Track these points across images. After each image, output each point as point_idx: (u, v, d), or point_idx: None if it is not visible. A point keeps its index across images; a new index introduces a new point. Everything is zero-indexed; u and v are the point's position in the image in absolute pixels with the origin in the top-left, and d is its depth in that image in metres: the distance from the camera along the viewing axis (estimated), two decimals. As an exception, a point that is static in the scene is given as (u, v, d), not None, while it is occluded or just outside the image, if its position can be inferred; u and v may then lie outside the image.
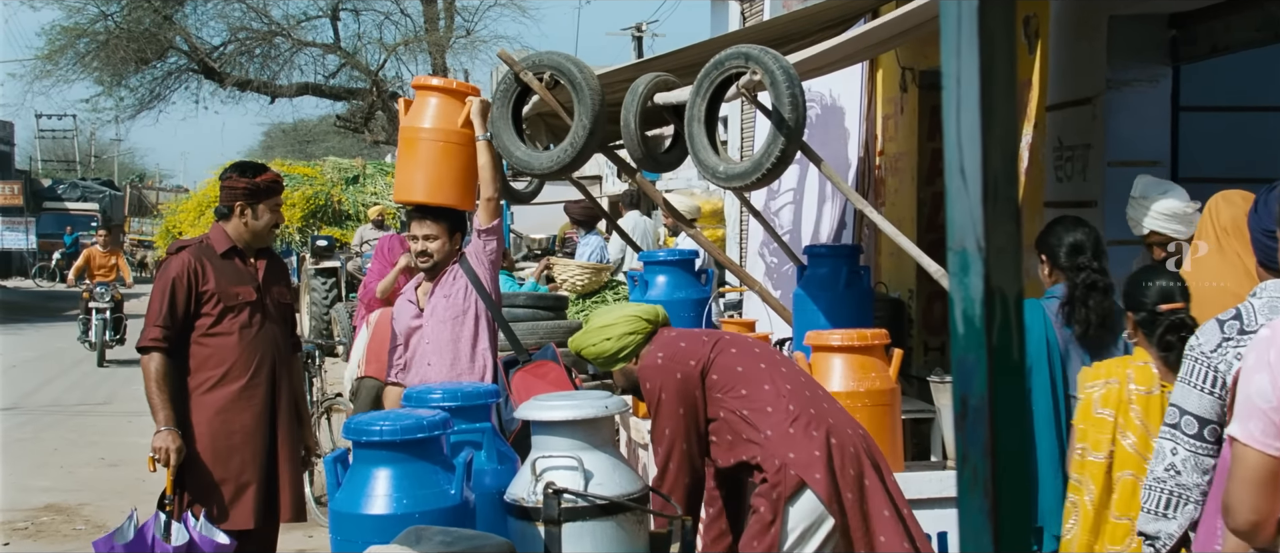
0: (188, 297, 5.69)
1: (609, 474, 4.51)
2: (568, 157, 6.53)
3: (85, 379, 18.51)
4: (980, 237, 1.42)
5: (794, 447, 4.46)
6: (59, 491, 10.78)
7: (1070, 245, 5.09)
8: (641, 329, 4.87)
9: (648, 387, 4.71)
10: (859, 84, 9.06)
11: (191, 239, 6.01)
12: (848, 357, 5.52)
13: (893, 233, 5.89)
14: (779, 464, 4.45)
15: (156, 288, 5.75)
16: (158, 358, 5.63)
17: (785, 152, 5.59)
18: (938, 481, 5.50)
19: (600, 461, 4.52)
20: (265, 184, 5.90)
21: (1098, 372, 4.48)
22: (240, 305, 5.78)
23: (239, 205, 5.85)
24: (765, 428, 4.52)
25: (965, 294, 1.45)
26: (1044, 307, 5.03)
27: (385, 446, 4.36)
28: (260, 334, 5.83)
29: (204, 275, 5.73)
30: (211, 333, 5.73)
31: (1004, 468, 1.44)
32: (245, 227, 5.87)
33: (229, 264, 5.83)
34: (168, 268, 5.76)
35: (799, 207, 9.50)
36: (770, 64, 5.50)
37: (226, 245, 5.85)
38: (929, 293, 8.80)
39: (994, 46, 1.43)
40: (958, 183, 1.45)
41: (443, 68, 29.30)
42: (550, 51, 6.80)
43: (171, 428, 5.56)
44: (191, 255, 5.76)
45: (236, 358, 5.75)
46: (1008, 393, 1.44)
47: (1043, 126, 6.98)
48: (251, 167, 6.03)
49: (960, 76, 1.44)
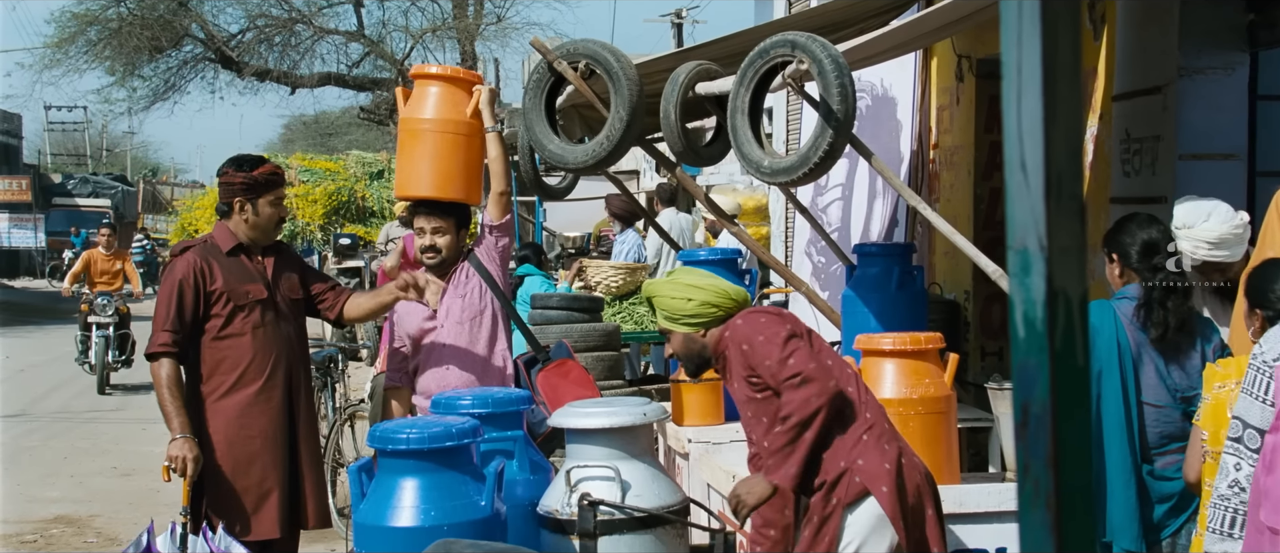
0: (196, 298, 5.74)
1: (647, 485, 4.52)
2: (604, 150, 6.54)
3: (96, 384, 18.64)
4: (1042, 235, 1.42)
5: (864, 454, 4.50)
6: (69, 502, 10.87)
7: (1144, 244, 5.05)
8: (725, 306, 4.85)
9: (760, 338, 4.66)
10: (912, 73, 9.04)
11: (195, 239, 6.07)
12: (900, 362, 5.51)
13: (948, 230, 5.88)
14: (844, 468, 4.48)
15: (163, 291, 5.80)
16: (168, 364, 5.67)
17: (834, 145, 5.59)
18: (997, 493, 5.48)
19: (638, 471, 4.53)
20: (263, 178, 5.92)
21: (1227, 370, 4.42)
22: (251, 304, 5.81)
23: (238, 201, 5.89)
24: (837, 429, 4.58)
25: (1026, 296, 1.45)
26: (1115, 308, 5.00)
27: (412, 455, 4.38)
28: (274, 333, 5.87)
29: (211, 275, 5.77)
30: (223, 335, 5.77)
31: (1068, 480, 1.44)
32: (247, 223, 5.90)
33: (236, 262, 5.87)
34: (173, 270, 5.82)
35: (848, 203, 9.49)
36: (818, 52, 5.50)
37: (232, 243, 5.88)
38: (987, 295, 8.76)
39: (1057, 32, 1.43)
40: (1018, 178, 1.45)
41: (472, 55, 29.39)
42: (585, 39, 6.81)
43: (187, 436, 5.59)
44: (197, 255, 5.81)
45: (250, 359, 5.79)
46: (1071, 400, 1.44)
47: (1109, 118, 6.94)
48: (248, 160, 6.04)
49: (1021, 65, 1.44)
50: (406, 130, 6.48)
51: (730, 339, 4.76)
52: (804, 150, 5.72)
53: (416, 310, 6.29)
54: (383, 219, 22.85)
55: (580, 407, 4.78)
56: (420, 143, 6.41)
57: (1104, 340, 4.89)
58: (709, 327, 4.85)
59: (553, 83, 6.78)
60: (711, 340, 4.85)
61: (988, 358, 8.86)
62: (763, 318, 4.72)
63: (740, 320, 4.77)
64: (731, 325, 4.79)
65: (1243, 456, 3.62)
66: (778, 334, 4.63)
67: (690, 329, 4.87)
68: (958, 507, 5.34)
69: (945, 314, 8.38)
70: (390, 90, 29.00)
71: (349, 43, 30.64)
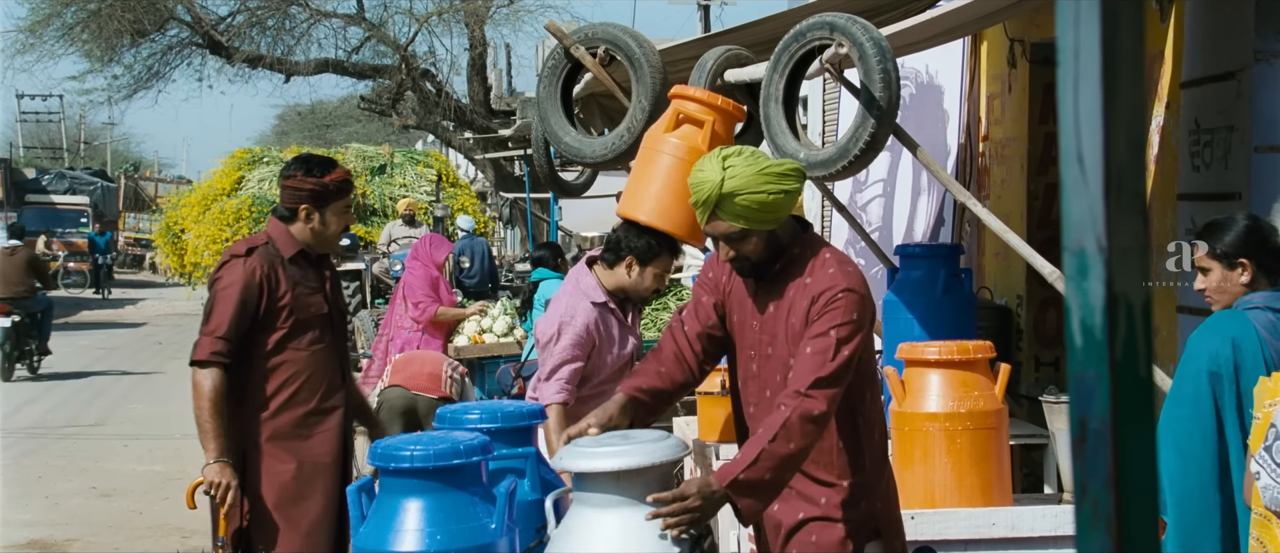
0: (257, 307, 5.61)
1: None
2: (624, 143, 6.55)
3: (73, 398, 18.75)
4: (1101, 235, 1.42)
5: (885, 500, 4.45)
6: (44, 525, 10.91)
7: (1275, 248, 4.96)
8: (796, 187, 4.38)
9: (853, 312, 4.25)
10: (960, 59, 9.04)
11: (254, 238, 5.88)
12: (946, 373, 5.50)
13: (1000, 229, 5.87)
14: (864, 510, 4.41)
15: (222, 294, 5.60)
16: (216, 375, 5.49)
17: (875, 136, 5.59)
18: (1052, 516, 5.48)
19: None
20: (335, 185, 5.81)
21: (1278, 386, 4.39)
22: (313, 319, 5.74)
23: (305, 209, 5.77)
24: (869, 457, 4.41)
25: (1084, 301, 1.45)
26: (1252, 319, 4.89)
27: (416, 473, 4.39)
28: (331, 352, 5.80)
29: (277, 283, 5.65)
30: (280, 350, 5.67)
31: (1130, 501, 1.44)
32: (311, 232, 5.79)
33: (299, 271, 5.76)
34: (234, 272, 5.63)
35: (890, 200, 9.49)
36: (859, 36, 5.50)
37: (294, 250, 5.77)
38: (1041, 300, 8.76)
39: (1119, 14, 1.43)
40: (1075, 172, 1.45)
41: (481, 41, 29.42)
42: (605, 23, 6.83)
43: (227, 460, 5.46)
44: (263, 259, 5.66)
45: (305, 380, 5.69)
46: (1134, 414, 1.44)
47: (1176, 107, 6.93)
48: (318, 163, 5.91)
49: (1079, 49, 1.44)
50: (648, 147, 6.22)
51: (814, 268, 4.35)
52: (843, 142, 5.73)
53: (622, 335, 6.23)
54: (385, 218, 22.84)
55: (587, 446, 4.60)
56: (654, 164, 6.14)
57: (1249, 356, 4.72)
58: (783, 226, 4.40)
59: (569, 70, 6.80)
60: (798, 244, 4.42)
61: (1043, 369, 8.86)
62: (864, 286, 4.33)
63: (832, 259, 4.38)
64: (821, 257, 4.38)
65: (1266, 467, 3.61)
66: (863, 312, 4.27)
67: (773, 226, 4.36)
68: (1010, 531, 5.34)
69: (996, 321, 8.37)
70: (391, 78, 29.07)
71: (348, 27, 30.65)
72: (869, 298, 4.32)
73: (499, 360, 12.53)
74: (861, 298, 4.27)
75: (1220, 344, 4.65)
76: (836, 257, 4.39)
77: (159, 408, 17.01)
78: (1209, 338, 4.72)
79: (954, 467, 5.36)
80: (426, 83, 28.77)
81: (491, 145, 28.49)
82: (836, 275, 4.28)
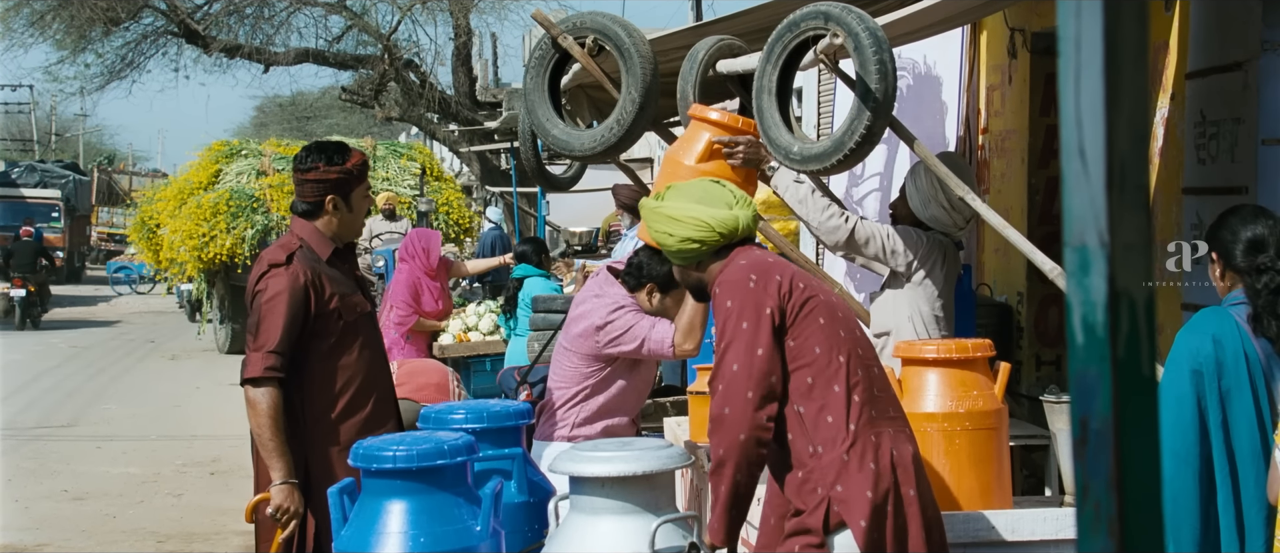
0: (306, 316, 5.45)
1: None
2: (614, 136, 6.55)
3: (43, 398, 18.69)
4: (1103, 230, 1.43)
5: (843, 479, 4.39)
6: (13, 530, 10.87)
7: (1249, 242, 4.95)
8: (711, 242, 4.57)
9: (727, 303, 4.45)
10: (958, 49, 9.04)
11: (287, 243, 5.68)
12: (944, 372, 5.50)
13: (999, 224, 5.88)
14: (821, 497, 4.40)
15: (269, 306, 5.41)
16: (274, 393, 5.31)
17: (871, 128, 5.59)
18: (1054, 519, 5.48)
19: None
20: (356, 169, 5.70)
21: None
22: (359, 320, 5.62)
23: (332, 199, 5.63)
24: (818, 442, 4.43)
25: (1085, 297, 1.45)
26: (1233, 315, 4.90)
27: (399, 474, 4.40)
28: (376, 351, 5.71)
29: (323, 287, 5.49)
30: (335, 354, 5.53)
31: (1132, 503, 1.44)
32: (340, 222, 5.67)
33: (337, 272, 5.63)
34: (279, 281, 5.45)
35: (886, 194, 9.48)
36: (855, 25, 5.51)
37: (329, 250, 5.63)
38: (1042, 296, 8.77)
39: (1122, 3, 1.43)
40: (1077, 166, 1.45)
41: (466, 30, 29.39)
42: (594, 12, 6.82)
43: (293, 482, 5.30)
44: (305, 265, 5.49)
45: (361, 382, 5.56)
46: (1137, 414, 1.44)
47: (1181, 98, 6.94)
48: (335, 149, 5.78)
49: (1080, 39, 1.45)
50: (677, 175, 6.16)
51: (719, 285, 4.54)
52: (838, 135, 5.73)
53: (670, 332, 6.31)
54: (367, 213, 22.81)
55: (586, 451, 4.65)
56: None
57: (1231, 354, 4.76)
58: (702, 263, 4.63)
59: (557, 61, 6.79)
60: (711, 277, 4.61)
61: (1043, 367, 8.86)
62: (746, 278, 4.45)
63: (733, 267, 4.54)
64: (731, 263, 4.55)
65: None
66: (742, 306, 4.40)
67: (680, 264, 4.72)
68: (1010, 534, 5.34)
69: (996, 318, 8.38)
70: (374, 68, 29.01)
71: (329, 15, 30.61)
72: (743, 281, 4.45)
73: (484, 359, 12.54)
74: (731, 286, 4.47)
75: (1201, 341, 4.68)
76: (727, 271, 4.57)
77: (133, 409, 17.00)
78: (1191, 336, 4.76)
79: (952, 468, 5.36)
80: (410, 73, 28.74)
81: (477, 138, 28.48)
82: (718, 294, 4.51)
